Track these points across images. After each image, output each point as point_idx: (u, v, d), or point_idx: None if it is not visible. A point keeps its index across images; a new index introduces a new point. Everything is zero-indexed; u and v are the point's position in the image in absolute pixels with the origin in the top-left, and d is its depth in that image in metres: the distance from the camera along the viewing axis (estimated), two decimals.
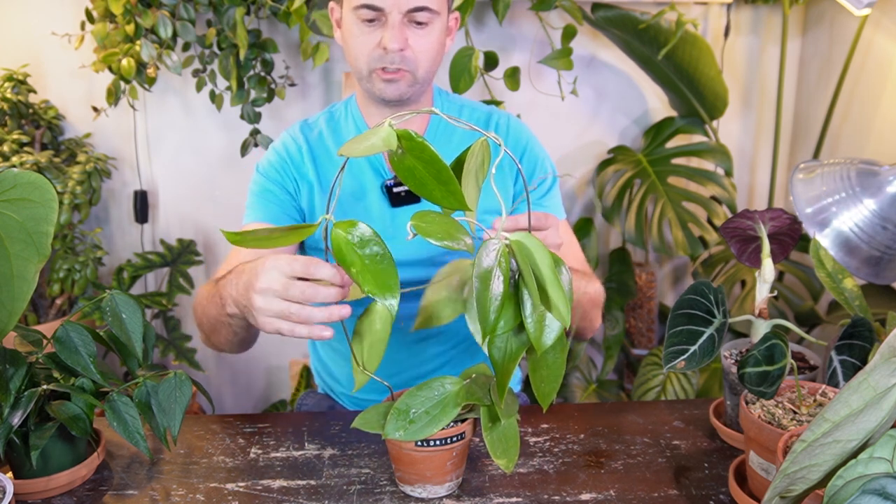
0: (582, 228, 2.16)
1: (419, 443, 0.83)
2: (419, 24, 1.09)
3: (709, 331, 0.93)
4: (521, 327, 0.74)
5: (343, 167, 0.79)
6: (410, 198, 1.17)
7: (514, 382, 1.41)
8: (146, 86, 1.95)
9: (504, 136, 1.23)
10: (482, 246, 0.71)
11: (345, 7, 1.12)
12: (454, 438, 0.85)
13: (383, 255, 0.75)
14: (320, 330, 0.83)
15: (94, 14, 1.91)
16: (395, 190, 1.17)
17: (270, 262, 0.83)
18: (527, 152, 1.24)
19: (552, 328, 0.73)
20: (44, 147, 2.07)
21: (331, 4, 1.18)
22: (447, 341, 1.25)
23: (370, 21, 1.08)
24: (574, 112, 2.21)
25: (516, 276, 0.73)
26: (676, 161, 2.12)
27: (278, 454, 0.99)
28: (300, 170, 1.21)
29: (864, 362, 0.92)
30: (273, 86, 2.03)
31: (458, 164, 0.78)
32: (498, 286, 0.70)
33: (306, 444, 1.02)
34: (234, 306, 0.92)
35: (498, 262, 0.70)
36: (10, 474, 0.89)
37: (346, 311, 0.82)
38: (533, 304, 0.71)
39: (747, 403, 0.89)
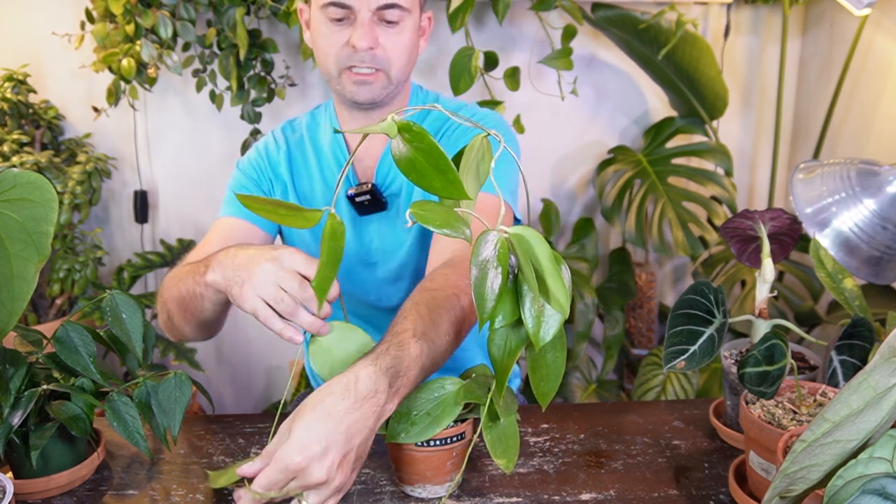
0: (582, 228, 2.16)
1: (419, 443, 0.83)
2: (390, 22, 1.07)
3: (709, 331, 0.92)
4: (519, 323, 0.74)
5: (349, 161, 0.81)
6: (373, 207, 1.17)
7: (513, 381, 1.41)
8: (146, 86, 1.95)
9: None
10: (480, 237, 0.71)
11: (313, 6, 1.10)
12: (454, 438, 0.85)
13: (338, 252, 0.82)
14: (292, 332, 0.86)
15: (94, 14, 1.91)
16: (357, 199, 1.16)
17: (286, 250, 0.86)
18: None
19: (551, 323, 0.72)
20: (44, 147, 2.07)
21: (300, 6, 1.16)
22: None
23: (339, 20, 1.06)
24: (574, 112, 2.21)
25: (515, 271, 0.73)
26: (676, 161, 2.12)
27: None
28: (276, 170, 1.21)
29: (864, 362, 0.92)
30: (273, 86, 2.03)
31: (456, 160, 0.78)
32: (495, 275, 0.69)
33: None
34: (219, 275, 0.90)
35: (497, 254, 0.70)
36: (10, 474, 0.89)
37: (325, 329, 0.86)
38: (532, 298, 0.71)
39: (747, 403, 0.89)
